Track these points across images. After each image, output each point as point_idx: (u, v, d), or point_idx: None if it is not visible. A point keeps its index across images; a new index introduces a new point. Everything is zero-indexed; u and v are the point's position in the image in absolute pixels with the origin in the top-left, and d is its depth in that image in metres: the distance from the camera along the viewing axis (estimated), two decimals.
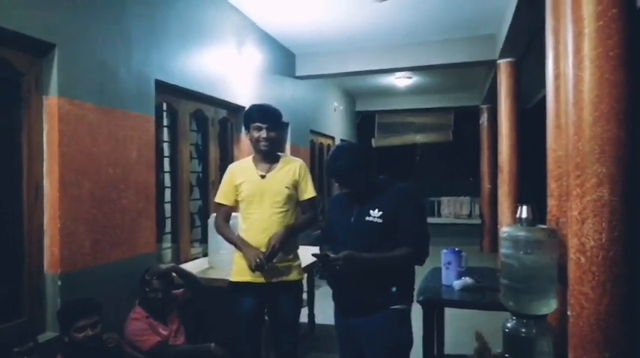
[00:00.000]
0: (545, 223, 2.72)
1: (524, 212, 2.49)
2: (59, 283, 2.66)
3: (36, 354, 2.17)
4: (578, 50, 2.15)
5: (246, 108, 2.77)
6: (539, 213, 2.56)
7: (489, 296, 2.98)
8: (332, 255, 2.13)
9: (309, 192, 2.74)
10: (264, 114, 2.65)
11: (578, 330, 2.11)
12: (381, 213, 2.16)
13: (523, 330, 2.41)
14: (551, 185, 2.68)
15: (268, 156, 2.68)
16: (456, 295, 2.97)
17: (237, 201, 2.72)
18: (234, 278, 2.69)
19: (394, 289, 2.19)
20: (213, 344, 2.85)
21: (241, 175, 2.68)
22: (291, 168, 2.70)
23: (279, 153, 2.78)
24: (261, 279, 2.60)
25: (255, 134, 2.61)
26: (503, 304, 2.54)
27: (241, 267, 2.63)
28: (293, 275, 2.69)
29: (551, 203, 2.68)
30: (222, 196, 2.75)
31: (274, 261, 2.57)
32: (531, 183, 5.98)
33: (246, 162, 2.77)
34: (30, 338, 2.24)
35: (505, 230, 2.53)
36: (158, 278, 2.97)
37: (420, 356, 2.79)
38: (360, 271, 2.16)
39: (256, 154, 2.70)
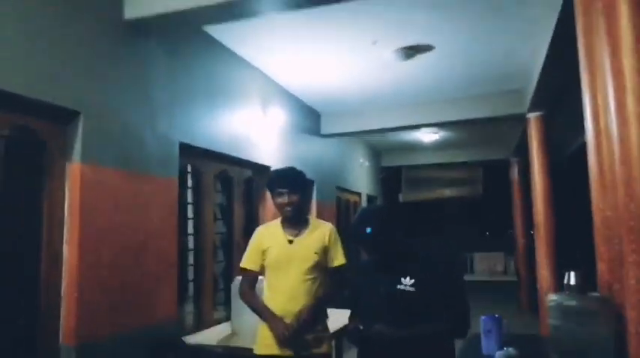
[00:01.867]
0: (593, 290, 2.49)
1: (572, 278, 2.29)
2: (74, 356, 2.52)
3: None
4: (620, 105, 2.02)
5: (270, 170, 2.71)
6: (586, 275, 2.35)
7: None
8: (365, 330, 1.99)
9: (339, 259, 2.62)
10: (285, 179, 2.56)
11: None
12: (412, 280, 1.99)
13: None
14: (600, 248, 2.47)
15: (295, 220, 2.58)
16: None
17: (263, 267, 2.58)
18: (259, 352, 2.51)
19: None
20: None
21: (268, 240, 2.56)
22: (321, 232, 2.59)
23: (308, 217, 2.69)
24: (289, 353, 2.42)
25: (278, 199, 2.53)
26: None
27: (266, 339, 2.46)
28: (323, 348, 2.51)
29: (602, 267, 2.46)
30: (247, 261, 2.61)
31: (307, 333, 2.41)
32: (571, 243, 5.71)
33: (273, 225, 2.65)
34: None
35: (552, 298, 2.31)
36: (167, 349, 2.85)
37: None
38: (396, 347, 1.96)
39: (283, 219, 2.61)
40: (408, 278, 2.00)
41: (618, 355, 2.16)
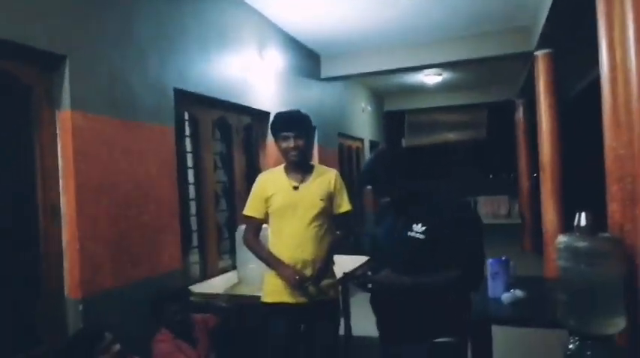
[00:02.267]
0: (602, 231, 2.43)
1: (582, 219, 2.22)
2: (80, 308, 2.52)
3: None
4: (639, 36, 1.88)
5: (271, 115, 2.61)
6: (595, 217, 2.29)
7: (541, 311, 2.71)
8: (370, 276, 1.94)
9: (345, 205, 2.57)
10: (291, 122, 2.47)
11: None
12: (424, 227, 1.89)
13: (588, 353, 2.13)
14: (612, 187, 2.38)
15: (300, 166, 2.51)
16: (507, 310, 2.71)
17: (267, 214, 2.53)
18: (266, 299, 2.50)
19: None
20: None
21: (272, 186, 2.49)
22: (326, 178, 2.53)
23: (312, 163, 2.62)
24: (298, 299, 2.41)
25: (283, 144, 2.45)
26: (562, 322, 2.27)
27: (274, 286, 2.45)
28: (330, 294, 2.51)
29: (613, 208, 2.39)
30: (251, 209, 2.55)
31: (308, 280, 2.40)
32: (577, 183, 5.64)
33: (277, 171, 2.58)
34: None
35: (562, 240, 2.25)
36: (171, 301, 2.82)
37: None
38: (403, 294, 1.92)
39: (288, 164, 2.53)
40: (420, 224, 1.91)
41: (629, 295, 2.13)
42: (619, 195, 2.34)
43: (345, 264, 3.92)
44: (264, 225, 2.64)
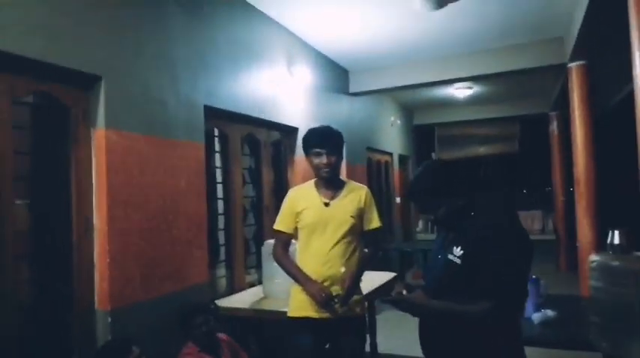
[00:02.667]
0: (638, 249, 2.35)
1: (616, 237, 2.16)
2: (109, 320, 2.58)
3: None
4: None
5: (300, 131, 2.65)
6: (633, 238, 2.22)
7: (575, 333, 2.62)
8: (400, 295, 1.87)
9: (375, 221, 2.56)
10: (324, 139, 2.48)
11: None
12: (462, 251, 1.73)
13: None
14: None
15: (331, 182, 2.52)
16: (536, 330, 2.64)
17: (296, 229, 2.56)
18: (292, 314, 2.50)
19: None
20: None
21: (303, 202, 2.51)
22: (357, 195, 2.54)
23: (343, 179, 2.63)
24: (324, 315, 2.40)
25: (316, 160, 2.46)
26: (594, 345, 2.20)
27: (300, 301, 2.46)
28: (356, 311, 2.49)
29: None
30: (281, 223, 2.58)
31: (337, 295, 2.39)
32: (614, 199, 5.46)
33: (308, 187, 2.59)
34: None
35: (594, 258, 2.19)
36: (199, 314, 2.86)
37: None
38: (433, 322, 1.82)
39: (318, 180, 2.55)
40: (459, 248, 1.75)
41: None
42: None
43: (372, 279, 3.91)
44: (293, 241, 2.66)
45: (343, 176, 6.02)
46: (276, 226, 2.60)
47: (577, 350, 2.54)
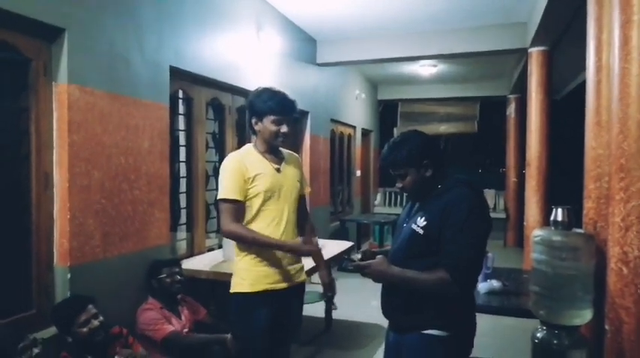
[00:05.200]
0: (580, 226, 2.53)
1: (559, 214, 2.32)
2: (69, 276, 2.58)
3: (40, 348, 2.10)
4: (625, 40, 1.95)
5: (255, 93, 2.40)
6: (574, 216, 2.38)
7: (517, 302, 2.82)
8: (357, 258, 1.94)
9: (307, 186, 2.59)
10: (286, 107, 2.33)
11: (617, 346, 1.95)
12: (425, 222, 1.80)
13: (555, 341, 2.25)
14: (589, 186, 2.48)
15: (276, 149, 2.43)
16: (481, 299, 2.81)
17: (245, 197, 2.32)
18: (252, 289, 2.30)
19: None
20: (229, 335, 2.67)
21: (254, 167, 2.32)
22: (296, 162, 2.53)
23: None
24: (282, 285, 2.35)
25: (273, 127, 2.30)
26: (533, 312, 2.38)
27: (259, 273, 2.31)
28: (303, 277, 2.50)
29: (589, 205, 2.49)
30: (233, 191, 2.27)
31: (291, 264, 2.41)
32: (562, 180, 5.76)
33: (251, 153, 2.39)
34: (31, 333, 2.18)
35: (538, 233, 2.35)
36: (168, 266, 2.95)
37: None
38: (393, 286, 1.91)
39: (265, 146, 2.37)
40: (423, 218, 1.82)
41: (597, 290, 2.23)
42: (595, 193, 2.44)
43: (329, 248, 4.02)
44: None
45: (306, 146, 6.10)
46: (227, 195, 2.27)
47: (518, 317, 2.74)
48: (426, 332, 1.82)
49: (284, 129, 2.32)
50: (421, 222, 1.82)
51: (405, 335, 1.89)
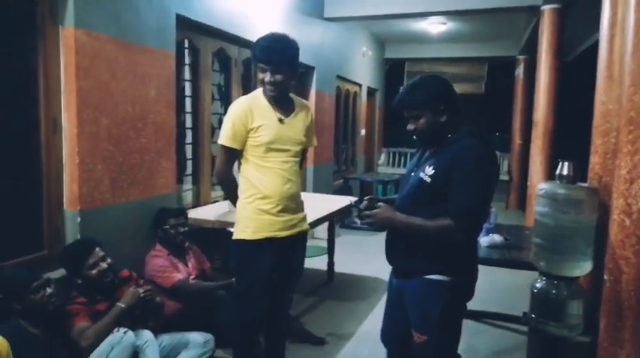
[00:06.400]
0: (585, 182, 2.55)
1: (564, 168, 2.33)
2: (78, 220, 2.63)
3: (53, 288, 2.17)
4: None
5: (257, 40, 2.30)
6: (580, 172, 2.39)
7: (517, 255, 2.87)
8: (362, 206, 1.94)
9: (315, 140, 2.54)
10: (269, 54, 2.19)
11: (615, 296, 2.00)
12: (433, 171, 1.81)
13: (553, 291, 2.31)
14: (597, 141, 2.49)
15: (282, 97, 2.33)
16: (483, 252, 2.87)
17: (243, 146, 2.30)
18: (255, 236, 2.31)
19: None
20: (234, 279, 2.69)
21: (258, 117, 2.25)
22: (305, 113, 2.45)
23: (290, 95, 2.41)
24: (284, 233, 2.36)
25: (260, 75, 2.22)
26: (534, 263, 2.42)
27: (262, 221, 2.31)
28: (305, 226, 2.51)
29: (595, 160, 2.50)
30: (233, 139, 2.24)
31: (293, 213, 2.41)
32: (568, 141, 5.73)
33: (259, 99, 2.31)
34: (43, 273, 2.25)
35: (542, 186, 2.37)
36: (174, 216, 2.99)
37: None
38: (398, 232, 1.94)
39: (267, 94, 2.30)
40: (431, 167, 1.83)
41: (597, 243, 2.27)
42: (602, 148, 2.45)
43: (332, 202, 4.07)
44: None
45: (312, 103, 6.06)
46: (226, 142, 2.26)
47: (518, 269, 2.80)
48: (428, 277, 1.85)
49: (267, 78, 2.20)
50: (429, 171, 1.83)
51: (408, 280, 1.94)
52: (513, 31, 8.22)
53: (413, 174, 1.94)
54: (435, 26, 7.87)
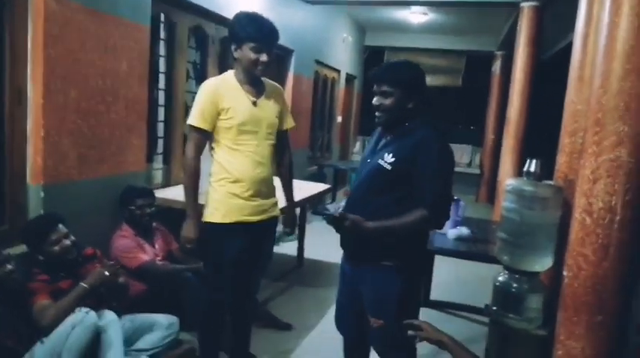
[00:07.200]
0: (551, 180, 2.60)
1: (532, 166, 2.38)
2: (42, 194, 2.55)
3: (13, 264, 2.11)
4: None
5: (236, 17, 2.31)
6: (545, 169, 2.45)
7: (483, 248, 2.93)
8: (335, 213, 1.90)
9: (290, 121, 2.54)
10: (266, 35, 2.23)
11: (572, 291, 2.05)
12: (393, 159, 1.87)
13: (514, 285, 2.36)
14: (564, 140, 2.54)
15: (256, 78, 2.33)
16: (450, 244, 2.92)
17: (214, 128, 2.28)
18: (225, 220, 2.30)
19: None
20: (202, 263, 2.70)
21: (228, 98, 2.24)
22: (278, 95, 2.45)
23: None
24: (254, 218, 2.35)
25: (252, 55, 2.20)
26: (497, 257, 2.48)
27: (232, 205, 2.30)
28: (276, 212, 2.51)
29: (562, 159, 2.55)
30: (202, 119, 2.22)
31: (264, 198, 2.42)
32: (540, 138, 5.84)
33: (229, 81, 2.30)
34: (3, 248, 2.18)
35: (510, 183, 2.42)
36: (141, 197, 2.93)
37: None
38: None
39: (243, 75, 2.30)
40: (391, 154, 1.89)
41: (560, 239, 2.33)
42: (569, 147, 2.50)
43: (305, 189, 4.06)
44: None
45: (289, 87, 6.01)
46: (196, 122, 2.24)
47: (483, 262, 2.87)
48: (384, 263, 1.93)
49: (263, 57, 2.22)
50: (389, 158, 1.88)
51: (363, 267, 2.00)
52: (493, 27, 8.29)
53: (370, 160, 1.99)
54: (416, 16, 7.87)
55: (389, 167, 1.87)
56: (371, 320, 1.98)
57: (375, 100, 1.95)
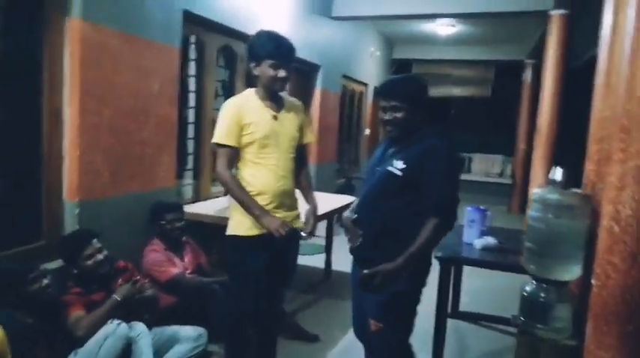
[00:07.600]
0: (580, 188, 2.56)
1: (557, 174, 2.34)
2: (77, 210, 2.67)
3: (49, 279, 2.21)
4: None
5: (254, 36, 2.39)
6: (575, 178, 2.41)
7: (510, 258, 2.88)
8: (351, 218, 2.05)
9: (310, 136, 2.58)
10: (284, 51, 2.30)
11: (601, 300, 2.00)
12: (404, 166, 1.94)
13: (542, 295, 2.31)
14: (592, 148, 2.49)
15: (275, 94, 2.39)
16: (476, 254, 2.88)
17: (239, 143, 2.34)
18: (248, 233, 2.34)
19: None
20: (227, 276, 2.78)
21: (250, 114, 2.31)
22: (297, 109, 2.50)
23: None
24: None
25: (272, 72, 2.27)
26: (524, 267, 2.44)
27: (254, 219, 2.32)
28: (298, 224, 2.54)
29: (589, 167, 2.50)
30: (228, 136, 2.29)
31: (287, 211, 2.46)
32: (571, 148, 5.72)
33: (250, 98, 2.37)
34: (40, 263, 2.29)
35: (536, 191, 2.38)
36: (170, 211, 3.02)
37: (433, 311, 2.75)
38: (366, 222, 2.07)
39: (263, 92, 2.36)
40: (401, 161, 1.96)
41: (588, 248, 2.28)
42: (596, 155, 2.45)
43: (332, 201, 4.09)
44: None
45: (317, 102, 6.09)
46: (221, 140, 2.29)
47: (510, 271, 2.82)
48: (395, 290, 1.94)
49: (282, 73, 2.28)
50: (399, 164, 1.95)
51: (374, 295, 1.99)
52: (522, 35, 8.20)
53: (378, 168, 2.05)
54: (443, 28, 7.87)
55: (399, 173, 1.95)
56: (371, 323, 2.02)
57: (387, 116, 2.02)
